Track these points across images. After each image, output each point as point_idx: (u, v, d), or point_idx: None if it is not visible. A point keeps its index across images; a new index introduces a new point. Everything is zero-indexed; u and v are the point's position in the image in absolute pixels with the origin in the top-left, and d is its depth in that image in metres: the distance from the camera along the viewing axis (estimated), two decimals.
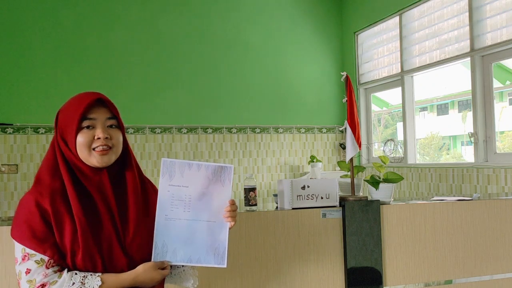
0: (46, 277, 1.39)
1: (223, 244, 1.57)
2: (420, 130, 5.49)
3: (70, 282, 1.40)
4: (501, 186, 3.84)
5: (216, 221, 1.58)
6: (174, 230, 1.54)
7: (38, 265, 1.40)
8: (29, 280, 1.39)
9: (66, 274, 1.41)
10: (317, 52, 5.99)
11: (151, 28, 5.36)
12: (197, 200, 1.57)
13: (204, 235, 1.56)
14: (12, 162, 4.86)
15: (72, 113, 1.49)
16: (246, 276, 2.31)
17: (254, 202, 2.46)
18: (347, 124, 2.51)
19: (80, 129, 1.48)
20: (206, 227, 1.57)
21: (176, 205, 1.55)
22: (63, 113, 1.53)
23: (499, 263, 2.73)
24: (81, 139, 1.48)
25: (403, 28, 5.11)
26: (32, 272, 1.39)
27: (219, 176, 1.58)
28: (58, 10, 5.08)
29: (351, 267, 2.44)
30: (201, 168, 1.57)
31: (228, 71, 5.61)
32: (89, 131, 1.49)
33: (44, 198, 1.43)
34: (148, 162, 5.25)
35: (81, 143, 1.48)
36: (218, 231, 1.57)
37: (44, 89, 4.96)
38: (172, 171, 1.56)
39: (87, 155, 1.48)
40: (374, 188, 2.62)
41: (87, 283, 1.40)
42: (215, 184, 1.58)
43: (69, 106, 1.53)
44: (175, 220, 1.55)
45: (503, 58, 4.11)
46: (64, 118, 1.52)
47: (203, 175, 1.57)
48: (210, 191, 1.58)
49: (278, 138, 5.78)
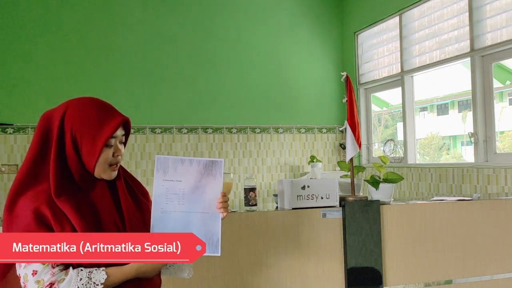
0: (54, 275, 1.42)
1: (216, 233, 1.63)
2: (420, 130, 5.49)
3: (77, 278, 1.43)
4: (501, 186, 3.84)
5: (209, 212, 1.64)
6: (169, 222, 1.61)
7: (43, 265, 1.42)
8: (37, 281, 1.42)
9: (72, 271, 1.43)
10: (317, 52, 5.99)
11: (151, 28, 5.37)
12: (190, 193, 1.63)
13: (199, 226, 1.63)
14: (12, 162, 4.86)
15: (98, 127, 1.50)
16: (246, 276, 2.31)
17: (254, 202, 2.46)
18: (347, 124, 2.51)
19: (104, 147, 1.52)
20: (200, 218, 1.63)
21: (171, 199, 1.62)
22: (80, 121, 1.50)
23: (499, 263, 2.73)
24: (104, 157, 1.52)
25: (403, 28, 5.11)
26: (39, 273, 1.42)
27: (211, 170, 1.65)
28: (59, 10, 5.08)
29: (351, 267, 2.44)
30: (193, 163, 1.65)
31: (228, 71, 5.61)
32: (109, 149, 1.53)
33: (41, 203, 1.45)
34: (148, 162, 5.25)
35: (103, 160, 1.52)
36: (211, 222, 1.64)
37: (44, 89, 4.96)
38: (166, 167, 1.63)
39: (103, 170, 1.53)
40: (374, 188, 2.62)
41: (93, 278, 1.44)
42: (207, 178, 1.65)
43: (88, 117, 1.51)
44: (171, 213, 1.62)
45: (503, 58, 4.11)
46: (83, 128, 1.50)
47: (195, 170, 1.64)
48: (203, 184, 1.64)
49: (278, 138, 5.78)
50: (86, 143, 1.50)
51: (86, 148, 1.50)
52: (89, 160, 1.51)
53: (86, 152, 1.50)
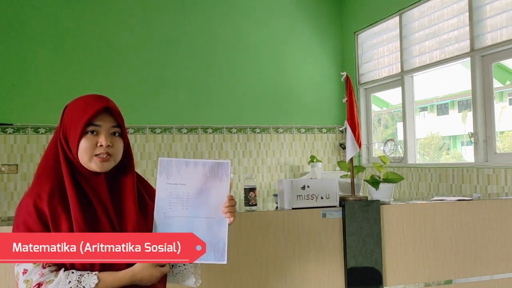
0: (42, 276, 1.40)
1: (223, 240, 1.56)
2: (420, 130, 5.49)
3: (66, 281, 1.40)
4: (501, 186, 3.84)
5: (215, 217, 1.57)
6: (173, 227, 1.54)
7: (34, 265, 1.41)
8: (26, 280, 1.41)
9: (62, 273, 1.41)
10: (317, 52, 5.99)
11: (151, 28, 5.37)
12: (195, 197, 1.56)
13: (203, 231, 1.55)
14: (12, 162, 4.86)
15: (78, 116, 1.49)
16: (246, 276, 2.31)
17: (254, 202, 2.45)
18: (347, 124, 2.51)
19: (84, 134, 1.49)
20: (205, 223, 1.56)
21: (174, 203, 1.55)
22: (69, 111, 1.53)
23: (499, 263, 2.73)
24: (84, 144, 1.49)
25: (403, 28, 5.11)
26: (28, 272, 1.41)
27: (216, 172, 1.58)
28: (59, 10, 5.08)
29: (351, 267, 2.44)
30: (198, 165, 1.58)
31: (228, 71, 5.61)
32: (92, 136, 1.50)
33: (42, 200, 1.44)
34: (148, 162, 5.25)
35: (83, 148, 1.49)
36: (217, 228, 1.57)
37: (44, 89, 4.96)
38: (169, 169, 1.56)
39: (88, 160, 1.49)
40: (374, 188, 2.62)
41: (83, 281, 1.41)
42: (212, 180, 1.58)
43: (76, 106, 1.53)
44: (174, 218, 1.55)
45: (503, 58, 4.11)
46: (69, 117, 1.52)
47: (200, 172, 1.57)
48: (208, 187, 1.57)
49: (278, 138, 5.78)
50: (69, 132, 1.50)
51: (70, 139, 1.50)
52: (73, 148, 1.49)
53: (71, 143, 1.50)
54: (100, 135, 1.50)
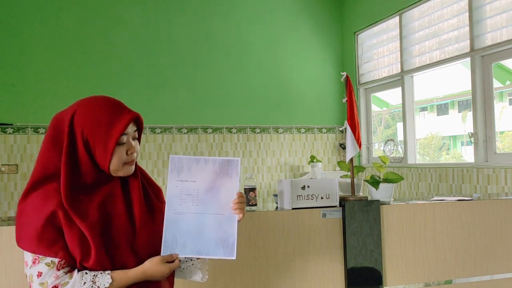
0: (58, 278, 1.41)
1: (232, 236, 1.59)
2: (420, 130, 5.49)
3: (81, 282, 1.42)
4: (501, 186, 3.84)
5: (225, 213, 1.60)
6: (183, 223, 1.57)
7: (49, 267, 1.41)
8: (41, 283, 1.41)
9: (76, 275, 1.43)
10: (317, 52, 5.99)
11: (151, 28, 5.36)
12: (205, 194, 1.60)
13: (213, 227, 1.59)
14: (12, 162, 4.86)
15: (108, 127, 1.48)
16: (246, 276, 2.31)
17: (254, 202, 2.45)
18: (347, 124, 2.51)
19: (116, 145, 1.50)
20: (215, 220, 1.59)
21: (184, 200, 1.58)
22: (90, 120, 1.49)
23: (499, 263, 2.73)
24: (118, 155, 1.50)
25: (403, 28, 5.11)
26: (43, 275, 1.41)
27: (226, 169, 1.61)
28: (59, 10, 5.08)
29: (351, 267, 2.44)
30: (208, 162, 1.61)
31: (228, 71, 5.61)
32: (122, 147, 1.52)
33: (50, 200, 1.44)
34: (148, 162, 5.25)
35: (117, 159, 1.50)
36: (226, 224, 1.59)
37: (44, 89, 4.96)
38: (180, 167, 1.60)
39: (118, 168, 1.51)
40: (374, 188, 2.62)
41: (97, 282, 1.43)
42: (222, 177, 1.61)
43: (100, 115, 1.50)
44: (184, 214, 1.58)
45: (503, 58, 4.11)
46: (93, 131, 1.48)
47: (210, 170, 1.60)
48: (218, 184, 1.60)
49: (278, 138, 5.78)
50: (98, 145, 1.48)
51: (99, 150, 1.48)
52: (103, 161, 1.49)
53: (99, 154, 1.49)
54: (128, 143, 1.53)
